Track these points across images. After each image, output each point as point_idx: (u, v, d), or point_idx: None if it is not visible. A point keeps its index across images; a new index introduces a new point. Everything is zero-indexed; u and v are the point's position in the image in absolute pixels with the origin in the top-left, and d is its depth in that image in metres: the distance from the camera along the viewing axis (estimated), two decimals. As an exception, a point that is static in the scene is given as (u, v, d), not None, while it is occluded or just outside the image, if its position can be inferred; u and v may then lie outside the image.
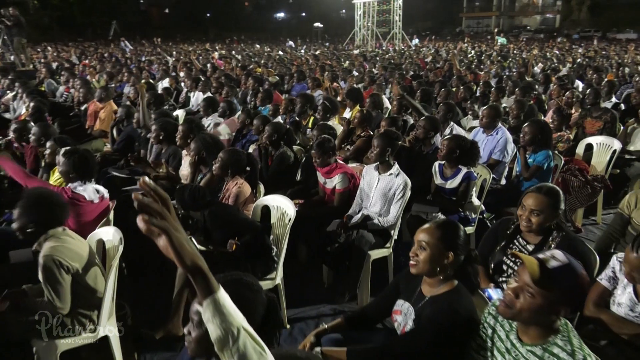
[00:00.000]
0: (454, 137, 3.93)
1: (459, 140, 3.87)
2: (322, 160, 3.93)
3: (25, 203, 2.57)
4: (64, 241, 2.54)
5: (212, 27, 53.46)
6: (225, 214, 3.21)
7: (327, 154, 3.92)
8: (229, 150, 3.64)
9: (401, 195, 3.57)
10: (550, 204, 2.51)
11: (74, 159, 3.29)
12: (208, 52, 20.95)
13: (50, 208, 2.58)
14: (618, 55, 17.83)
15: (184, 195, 3.17)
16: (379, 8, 28.23)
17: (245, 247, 3.05)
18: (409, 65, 13.71)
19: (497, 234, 2.78)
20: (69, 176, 3.32)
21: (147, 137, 5.39)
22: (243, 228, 3.14)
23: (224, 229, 3.13)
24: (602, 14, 56.78)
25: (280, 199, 3.38)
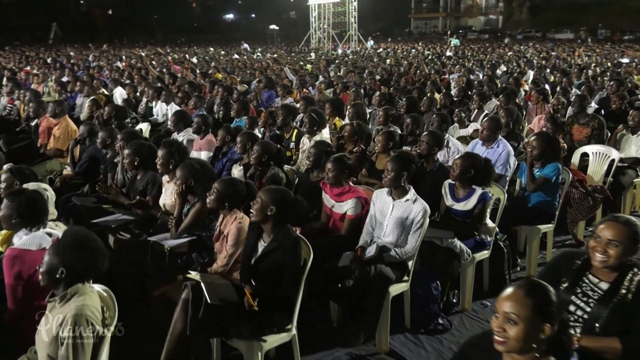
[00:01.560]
0: (467, 155, 3.64)
1: (473, 159, 3.59)
2: (336, 179, 3.56)
3: (66, 241, 2.17)
4: (92, 299, 2.15)
5: (159, 28, 51.68)
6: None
7: (344, 173, 3.55)
8: (226, 181, 3.19)
9: (420, 224, 3.23)
10: (630, 235, 2.22)
11: (19, 200, 2.72)
12: (160, 56, 20.01)
13: (93, 254, 2.20)
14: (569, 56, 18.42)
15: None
16: (334, 10, 28.03)
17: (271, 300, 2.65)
18: (373, 68, 13.52)
19: (559, 270, 2.46)
20: (10, 222, 2.73)
21: (114, 159, 4.82)
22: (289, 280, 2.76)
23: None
24: (541, 15, 59.38)
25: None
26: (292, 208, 2.85)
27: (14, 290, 2.45)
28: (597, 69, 11.73)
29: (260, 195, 2.84)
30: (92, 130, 5.17)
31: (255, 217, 2.85)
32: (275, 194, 2.84)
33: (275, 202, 2.79)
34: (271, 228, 2.84)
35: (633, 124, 5.36)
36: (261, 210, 2.81)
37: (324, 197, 3.77)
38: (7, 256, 2.50)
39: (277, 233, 2.82)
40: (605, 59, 17.21)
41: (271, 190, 2.87)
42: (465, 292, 3.69)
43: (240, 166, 4.68)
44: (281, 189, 2.92)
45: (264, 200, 2.81)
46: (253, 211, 2.85)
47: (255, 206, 2.83)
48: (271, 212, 2.79)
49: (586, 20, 50.84)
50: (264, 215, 2.81)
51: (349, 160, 3.64)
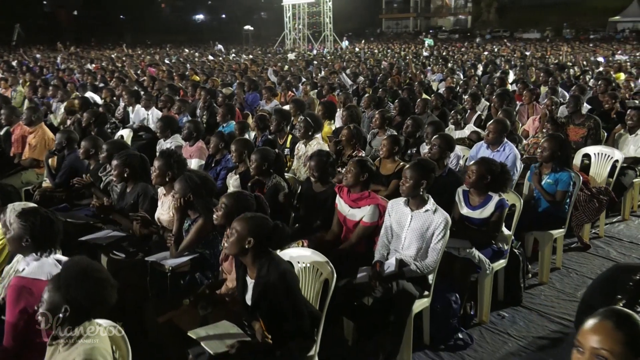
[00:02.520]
0: (483, 160, 3.48)
1: (489, 164, 3.43)
2: (355, 180, 3.35)
3: (68, 274, 1.91)
4: (102, 340, 1.89)
5: (128, 30, 50.47)
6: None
7: (363, 175, 3.35)
8: (235, 195, 2.93)
9: (442, 236, 3.05)
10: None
11: (33, 220, 2.43)
12: (132, 57, 19.39)
13: (99, 286, 1.94)
14: (544, 55, 18.69)
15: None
16: (309, 10, 27.81)
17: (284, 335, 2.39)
18: (355, 68, 13.36)
19: (615, 285, 2.28)
20: (20, 244, 2.44)
21: (97, 169, 4.49)
22: (293, 315, 2.45)
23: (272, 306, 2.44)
24: (508, 15, 60.68)
25: (311, 255, 2.73)
26: (272, 236, 2.51)
27: (14, 325, 2.12)
28: (576, 68, 11.87)
29: (235, 226, 2.46)
30: (70, 138, 4.81)
31: (230, 251, 2.52)
32: (253, 223, 2.47)
33: (253, 232, 2.43)
34: (252, 262, 2.50)
35: (631, 124, 5.32)
36: (237, 242, 2.43)
37: (338, 203, 3.55)
38: (13, 286, 2.17)
39: (260, 268, 2.47)
40: (577, 58, 17.50)
41: (247, 220, 2.49)
42: (483, 303, 3.53)
43: (236, 175, 4.42)
44: (258, 217, 2.54)
45: (239, 232, 2.44)
46: (227, 244, 2.51)
47: (231, 239, 2.47)
48: (249, 245, 2.43)
49: (551, 20, 52.20)
50: (240, 248, 2.46)
51: (370, 164, 3.44)
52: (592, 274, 4.19)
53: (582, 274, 4.19)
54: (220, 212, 2.88)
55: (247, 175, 4.33)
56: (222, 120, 6.15)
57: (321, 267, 2.70)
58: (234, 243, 2.46)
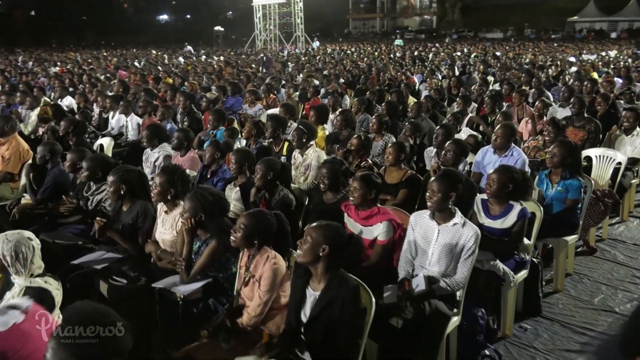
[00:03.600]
0: (504, 169, 3.34)
1: (511, 173, 3.29)
2: (362, 199, 3.17)
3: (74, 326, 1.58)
4: None
5: (89, 31, 48.82)
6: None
7: (371, 193, 3.16)
8: (254, 214, 2.69)
9: (472, 250, 2.89)
10: None
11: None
12: (99, 60, 18.65)
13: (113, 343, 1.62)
14: (516, 55, 19.00)
15: None
16: (280, 10, 27.50)
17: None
18: (332, 69, 13.19)
19: None
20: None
21: (82, 182, 4.15)
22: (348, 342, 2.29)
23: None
24: (472, 15, 61.82)
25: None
26: (347, 247, 2.40)
27: None
28: (554, 68, 12.04)
29: (310, 233, 2.38)
30: (54, 150, 4.44)
31: (304, 259, 2.39)
32: (329, 231, 2.38)
33: (329, 240, 2.34)
34: (323, 272, 2.38)
35: (627, 125, 5.33)
36: (312, 250, 2.35)
37: (347, 222, 3.35)
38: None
39: (331, 279, 2.36)
40: (549, 57, 17.88)
41: (323, 227, 2.40)
42: (507, 317, 3.40)
43: (236, 187, 4.16)
44: (335, 225, 2.45)
45: (315, 239, 2.35)
46: (301, 251, 2.38)
47: (305, 246, 2.37)
48: (323, 253, 2.34)
49: (513, 20, 53.43)
50: (314, 256, 2.35)
51: (376, 178, 3.25)
52: (603, 279, 4.14)
53: (594, 279, 4.13)
54: (239, 234, 2.65)
55: (248, 187, 4.09)
56: (212, 127, 5.85)
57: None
58: (308, 250, 2.36)
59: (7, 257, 2.36)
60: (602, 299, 3.84)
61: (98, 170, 3.90)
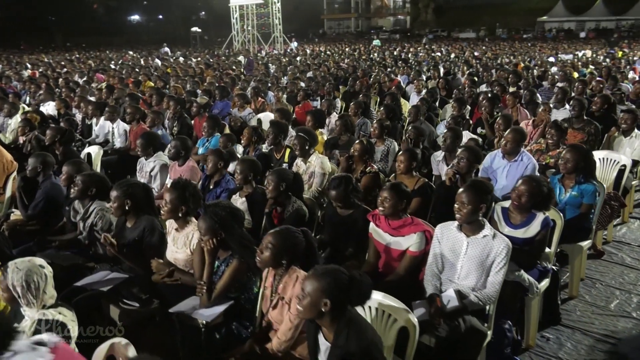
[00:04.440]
0: (532, 180, 3.24)
1: (540, 184, 3.21)
2: (394, 210, 3.05)
3: None
4: None
5: (59, 31, 47.36)
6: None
7: (402, 203, 3.06)
8: (282, 233, 2.53)
9: (504, 263, 2.80)
10: None
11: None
12: (73, 62, 18.05)
13: None
14: (494, 54, 19.22)
15: None
16: (257, 11, 27.19)
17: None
18: (316, 71, 13.06)
19: None
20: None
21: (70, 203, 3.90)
22: None
23: None
24: (445, 15, 62.58)
25: (381, 299, 2.39)
26: (351, 293, 2.12)
27: None
28: (538, 69, 12.17)
29: (306, 288, 2.11)
30: (46, 162, 4.18)
31: (305, 315, 2.16)
32: (326, 282, 2.08)
33: (329, 293, 2.07)
34: (329, 323, 2.14)
35: (626, 127, 5.36)
36: (312, 306, 2.09)
37: (374, 232, 3.23)
38: None
39: (339, 333, 2.11)
40: (526, 57, 18.13)
41: (318, 278, 2.11)
42: (530, 327, 3.33)
43: (242, 198, 3.99)
44: (330, 272, 2.14)
45: (312, 294, 2.09)
46: (300, 308, 2.13)
47: (304, 302, 2.10)
48: (326, 307, 2.08)
49: (484, 20, 54.27)
50: (316, 312, 2.11)
51: (405, 187, 3.14)
52: (616, 283, 4.13)
53: (607, 284, 4.11)
54: (267, 254, 2.49)
55: (255, 197, 3.95)
56: (207, 134, 5.64)
57: (396, 314, 2.37)
58: (307, 308, 2.10)
59: (17, 288, 2.15)
60: (618, 304, 3.82)
61: (92, 187, 3.65)
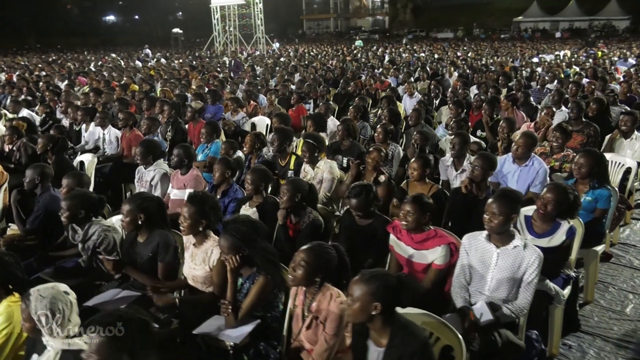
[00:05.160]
0: (558, 188, 3.19)
1: (566, 192, 3.15)
2: (417, 224, 2.97)
3: None
4: None
5: (31, 33, 46.08)
6: None
7: (425, 216, 2.98)
8: (315, 249, 2.42)
9: (536, 274, 2.75)
10: None
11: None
12: (51, 65, 17.54)
13: None
14: (478, 55, 19.38)
15: None
16: (239, 12, 26.90)
17: None
18: (304, 73, 12.94)
19: None
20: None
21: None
22: None
23: None
24: (423, 15, 63.10)
25: (421, 316, 2.30)
26: (402, 296, 2.10)
27: None
28: (526, 69, 12.28)
29: (355, 292, 2.06)
30: (44, 173, 3.98)
31: (355, 320, 2.11)
32: (375, 286, 2.05)
33: (380, 296, 2.03)
34: (381, 327, 2.10)
35: (626, 129, 5.40)
36: (362, 311, 2.05)
37: (395, 244, 3.15)
38: None
39: (393, 335, 2.06)
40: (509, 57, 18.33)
41: (367, 281, 2.06)
42: (554, 335, 3.30)
43: (252, 208, 3.86)
44: (379, 275, 2.10)
45: (361, 298, 2.04)
46: (350, 312, 2.08)
47: (353, 306, 2.05)
48: (377, 310, 2.04)
49: (461, 20, 54.89)
50: (367, 316, 2.06)
51: (428, 199, 3.06)
52: (628, 286, 4.13)
53: (620, 287, 4.12)
54: (300, 272, 2.38)
55: (266, 207, 3.83)
56: (206, 140, 5.48)
57: (438, 331, 2.28)
58: (358, 312, 2.04)
59: (41, 318, 2.00)
60: (634, 309, 3.82)
61: (80, 209, 3.41)
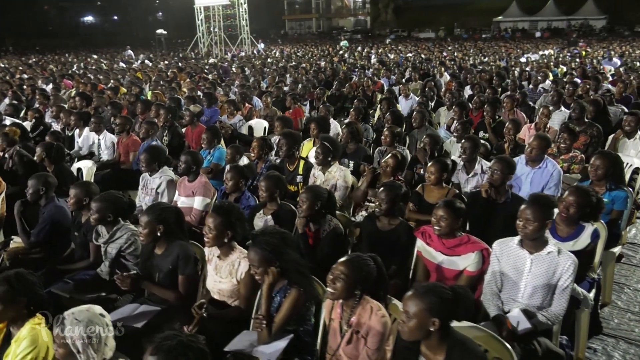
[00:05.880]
0: (580, 191, 3.16)
1: (589, 195, 3.14)
2: (450, 229, 2.93)
3: None
4: None
5: (8, 34, 44.97)
6: None
7: (458, 221, 2.93)
8: (354, 261, 2.34)
9: (571, 280, 2.71)
10: None
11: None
12: (32, 68, 17.10)
13: None
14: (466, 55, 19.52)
15: None
16: (224, 12, 26.62)
17: None
18: (295, 74, 12.84)
19: None
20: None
21: (87, 222, 3.57)
22: None
23: None
24: (404, 15, 63.46)
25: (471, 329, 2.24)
26: (458, 308, 2.04)
27: None
28: (517, 70, 12.36)
29: (410, 308, 2.00)
30: (48, 183, 3.81)
31: (411, 337, 2.03)
32: (432, 301, 1.98)
33: (437, 311, 1.98)
34: (437, 344, 2.03)
35: (629, 129, 5.43)
36: (419, 328, 1.99)
37: (423, 251, 3.09)
38: None
39: (452, 348, 2.01)
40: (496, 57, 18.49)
41: (422, 297, 2.00)
42: (580, 339, 3.27)
43: (267, 215, 3.76)
44: (435, 290, 2.04)
45: (419, 316, 1.98)
46: (406, 330, 2.01)
47: (409, 324, 1.99)
48: (435, 327, 1.98)
49: (442, 20, 55.34)
50: (424, 333, 2.00)
51: (460, 204, 3.01)
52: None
53: (635, 288, 4.13)
54: (339, 285, 2.30)
55: (282, 215, 3.73)
56: (207, 146, 5.34)
57: (488, 345, 2.22)
58: (414, 330, 1.98)
59: (77, 343, 1.88)
60: (651, 310, 3.83)
61: (109, 213, 3.35)
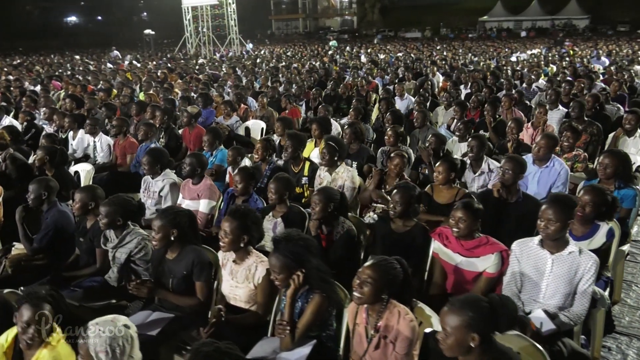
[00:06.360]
0: (596, 190, 3.17)
1: (604, 194, 3.14)
2: (469, 231, 2.90)
3: None
4: None
5: (-11, 35, 44.13)
6: None
7: (477, 222, 2.90)
8: (382, 265, 2.29)
9: (592, 280, 2.70)
10: None
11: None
12: (18, 69, 16.76)
13: None
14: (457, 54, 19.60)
15: None
16: (212, 12, 26.42)
17: None
18: (288, 75, 12.77)
19: None
20: None
21: (93, 227, 3.48)
22: None
23: None
24: (390, 15, 63.67)
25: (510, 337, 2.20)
26: (498, 320, 1.96)
27: None
28: (510, 69, 12.43)
29: (448, 324, 1.94)
30: (50, 187, 3.70)
31: (452, 354, 1.97)
32: (470, 316, 1.91)
33: (476, 327, 1.91)
34: (478, 357, 1.97)
35: (629, 127, 5.47)
36: (459, 345, 1.93)
37: (440, 252, 3.06)
38: None
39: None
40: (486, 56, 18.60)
41: (460, 312, 1.93)
42: (596, 339, 3.26)
43: (277, 218, 3.70)
44: (473, 303, 1.97)
45: (457, 332, 1.92)
46: (445, 347, 1.95)
47: (448, 341, 1.93)
48: (475, 343, 1.91)
49: (428, 20, 55.61)
50: (465, 349, 1.94)
51: (478, 205, 2.98)
52: (649, 284, 4.18)
53: (642, 286, 4.16)
54: (367, 289, 2.25)
55: (291, 217, 3.68)
56: (209, 148, 5.25)
57: (525, 351, 2.19)
58: (454, 347, 1.91)
59: (100, 355, 1.80)
60: (661, 307, 3.85)
61: (118, 217, 3.27)
